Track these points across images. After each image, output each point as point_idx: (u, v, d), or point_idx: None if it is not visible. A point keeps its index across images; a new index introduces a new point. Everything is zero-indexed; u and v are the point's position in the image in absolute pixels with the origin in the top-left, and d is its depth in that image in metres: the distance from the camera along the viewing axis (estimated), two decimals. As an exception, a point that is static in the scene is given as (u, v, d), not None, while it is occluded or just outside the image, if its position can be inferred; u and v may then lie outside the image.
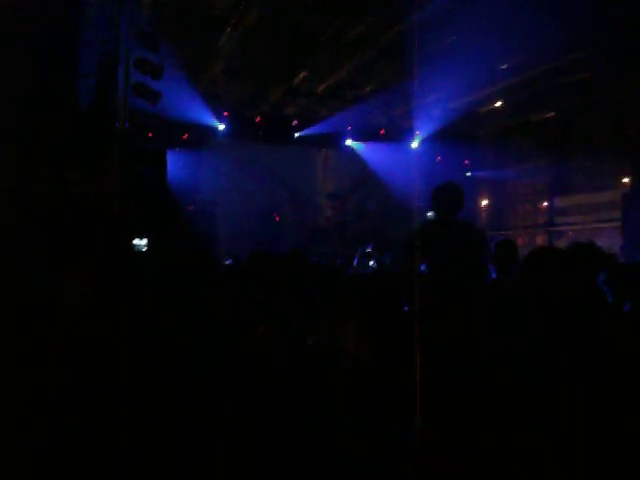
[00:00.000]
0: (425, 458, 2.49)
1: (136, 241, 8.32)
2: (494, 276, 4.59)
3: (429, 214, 5.46)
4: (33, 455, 2.61)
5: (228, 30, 9.38)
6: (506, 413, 2.65)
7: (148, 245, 8.36)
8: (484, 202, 15.83)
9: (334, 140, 14.32)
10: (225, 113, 12.75)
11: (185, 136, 12.54)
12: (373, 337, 3.03)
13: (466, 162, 15.11)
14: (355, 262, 8.92)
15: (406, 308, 3.16)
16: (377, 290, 3.57)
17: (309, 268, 4.47)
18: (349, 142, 14.51)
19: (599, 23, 8.40)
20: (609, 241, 10.42)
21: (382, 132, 14.29)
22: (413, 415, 2.56)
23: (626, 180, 12.40)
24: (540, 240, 14.18)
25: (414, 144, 13.39)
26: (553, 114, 13.15)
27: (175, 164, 11.34)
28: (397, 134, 13.96)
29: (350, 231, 14.40)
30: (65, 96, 5.00)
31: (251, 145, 13.45)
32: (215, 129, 12.70)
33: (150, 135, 9.91)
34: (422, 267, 4.48)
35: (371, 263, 8.75)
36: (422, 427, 2.53)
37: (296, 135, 13.71)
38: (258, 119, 13.30)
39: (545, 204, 14.55)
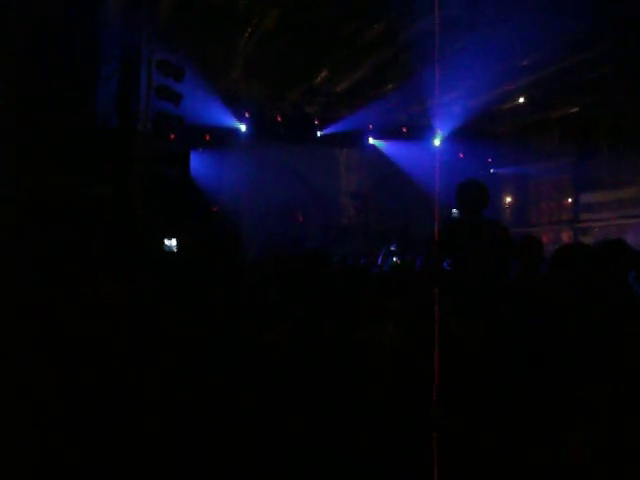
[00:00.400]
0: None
1: (166, 242, 8.46)
2: (518, 273, 4.55)
3: (453, 211, 5.43)
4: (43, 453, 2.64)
5: (248, 31, 9.40)
6: (534, 410, 2.63)
7: (177, 245, 8.48)
8: (508, 199, 15.71)
9: (356, 138, 14.29)
10: (246, 113, 12.78)
11: (207, 137, 12.58)
12: (402, 333, 3.04)
13: (489, 159, 15.01)
14: (379, 261, 8.91)
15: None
16: (403, 288, 3.57)
17: (330, 268, 4.47)
18: (371, 140, 14.48)
19: (619, 17, 8.31)
20: (636, 237, 10.29)
21: (404, 130, 14.24)
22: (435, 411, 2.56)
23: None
24: (565, 237, 14.04)
25: (436, 142, 13.33)
26: (576, 110, 13.02)
27: (198, 164, 11.42)
28: (419, 132, 13.90)
29: (373, 230, 14.37)
30: (83, 99, 5.04)
31: (273, 145, 13.45)
32: (237, 129, 12.73)
33: (172, 137, 9.96)
34: (445, 264, 4.46)
35: (394, 259, 8.74)
36: (441, 427, 2.53)
37: (318, 134, 13.70)
38: (279, 118, 13.31)
39: (570, 200, 14.41)
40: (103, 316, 3.05)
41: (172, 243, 8.54)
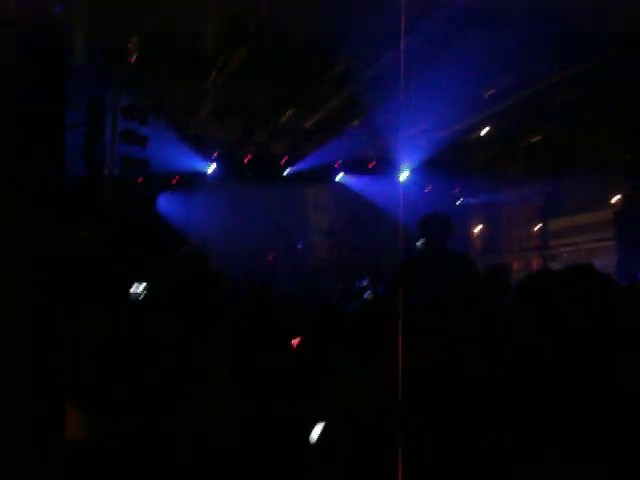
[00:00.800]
0: None
1: (133, 287, 8.32)
2: (486, 302, 4.59)
3: (418, 244, 5.49)
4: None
5: (214, 74, 9.47)
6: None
7: (146, 290, 8.35)
8: (477, 228, 15.84)
9: (324, 175, 14.32)
10: (214, 154, 12.80)
11: (175, 179, 12.57)
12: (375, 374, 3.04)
13: (457, 190, 15.16)
14: (351, 297, 8.88)
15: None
16: (374, 325, 3.56)
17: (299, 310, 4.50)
18: (340, 176, 14.50)
19: (586, 42, 8.49)
20: (604, 260, 10.40)
21: (372, 165, 14.29)
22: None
23: (617, 198, 12.41)
24: (535, 264, 14.16)
25: (404, 175, 13.40)
26: (540, 137, 13.22)
27: (167, 206, 11.39)
28: (387, 166, 13.97)
29: (345, 266, 14.32)
30: (51, 147, 5.01)
31: (241, 185, 13.45)
32: (204, 171, 12.73)
33: (140, 181, 9.94)
34: (414, 297, 4.48)
35: (366, 295, 8.73)
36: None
37: (286, 173, 13.73)
38: (247, 159, 13.33)
39: (538, 227, 14.56)
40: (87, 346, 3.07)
41: (139, 289, 8.41)
